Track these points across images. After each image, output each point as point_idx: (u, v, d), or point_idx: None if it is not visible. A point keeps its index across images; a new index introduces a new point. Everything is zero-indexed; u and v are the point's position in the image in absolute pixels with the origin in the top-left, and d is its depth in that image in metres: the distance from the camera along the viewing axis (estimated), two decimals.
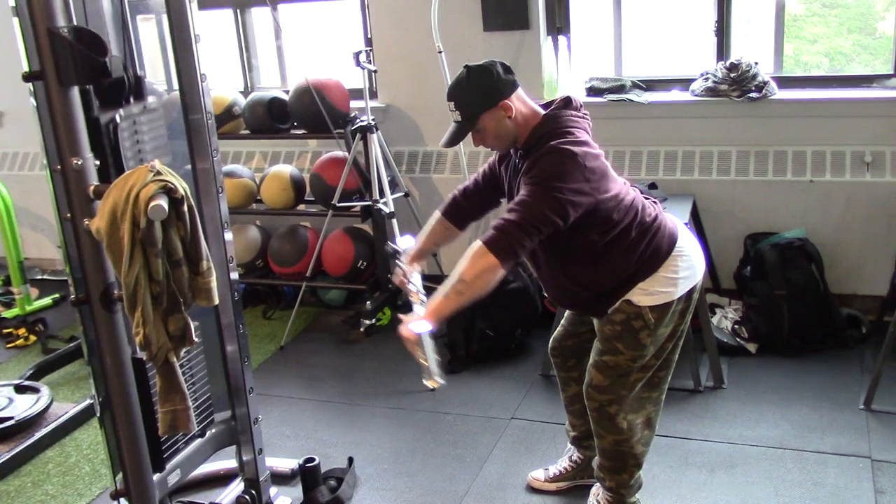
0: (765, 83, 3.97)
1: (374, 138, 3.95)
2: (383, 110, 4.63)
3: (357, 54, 3.89)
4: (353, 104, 4.41)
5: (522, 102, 2.41)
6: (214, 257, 2.20)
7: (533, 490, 2.99)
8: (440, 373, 2.41)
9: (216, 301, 2.19)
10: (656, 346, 2.53)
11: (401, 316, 2.44)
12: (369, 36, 4.68)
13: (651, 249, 2.45)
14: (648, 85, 4.31)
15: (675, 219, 2.60)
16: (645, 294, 2.46)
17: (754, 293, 3.93)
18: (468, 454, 3.25)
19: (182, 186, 2.06)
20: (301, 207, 4.64)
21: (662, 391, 2.67)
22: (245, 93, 4.82)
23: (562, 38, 4.37)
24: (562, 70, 4.42)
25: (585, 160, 2.27)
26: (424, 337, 2.37)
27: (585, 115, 2.48)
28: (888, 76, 3.98)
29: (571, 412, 2.94)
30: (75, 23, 2.07)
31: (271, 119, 4.41)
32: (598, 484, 2.77)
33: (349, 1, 4.74)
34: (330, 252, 4.43)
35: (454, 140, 2.44)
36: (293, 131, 4.52)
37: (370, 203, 4.07)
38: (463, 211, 2.71)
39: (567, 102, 2.45)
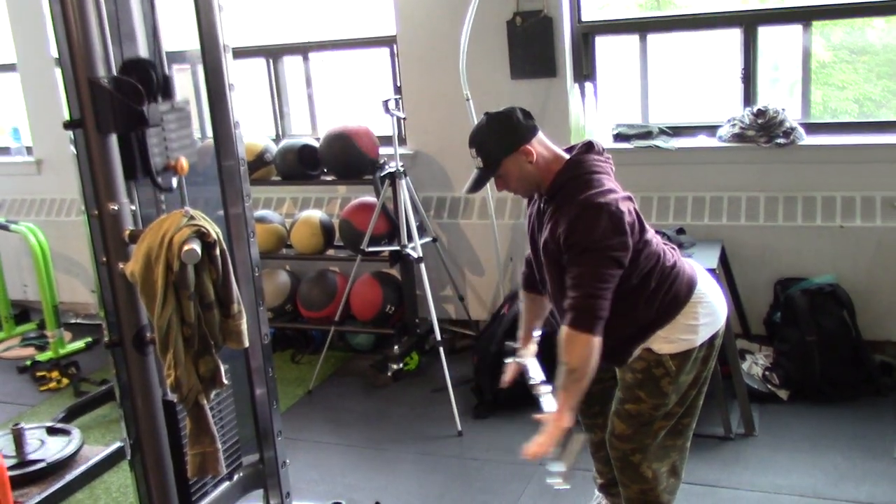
0: (792, 129, 3.98)
1: (403, 184, 4.00)
2: (412, 156, 4.68)
3: (386, 102, 3.96)
4: (382, 150, 4.48)
5: (544, 147, 2.44)
6: (245, 301, 2.23)
7: None
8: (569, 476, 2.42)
9: (246, 343, 2.22)
10: (679, 393, 2.51)
11: (536, 416, 2.48)
12: (398, 84, 4.75)
13: (670, 296, 2.44)
14: (675, 131, 4.33)
15: (695, 264, 2.60)
16: (665, 342, 2.45)
17: (785, 339, 3.89)
18: (497, 500, 3.24)
19: (215, 231, 2.11)
20: (330, 252, 4.68)
21: (687, 438, 2.64)
22: (276, 140, 4.91)
23: (588, 85, 4.42)
24: (589, 117, 4.45)
25: (619, 206, 2.28)
26: (573, 440, 2.38)
27: (608, 158, 2.50)
28: None
29: (598, 459, 2.91)
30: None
31: (302, 165, 4.49)
32: None
33: (378, 49, 4.84)
34: (358, 296, 4.46)
35: (477, 186, 2.47)
36: (323, 177, 4.58)
37: (399, 248, 4.11)
38: (536, 278, 2.70)
39: (589, 147, 2.47)
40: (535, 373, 2.72)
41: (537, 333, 2.83)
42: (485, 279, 4.68)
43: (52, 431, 3.77)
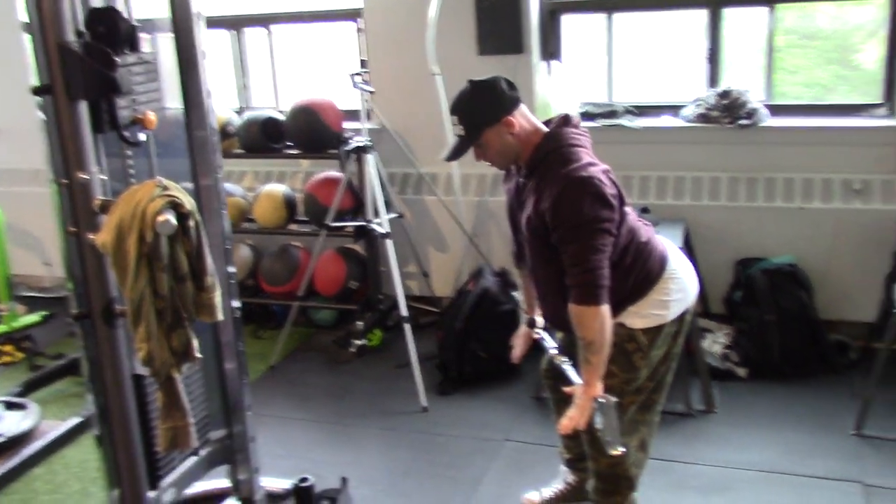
0: (755, 110, 4.03)
1: (370, 158, 3.96)
2: (377, 132, 4.64)
3: (354, 76, 3.91)
4: (347, 125, 4.43)
5: (525, 119, 2.43)
6: (216, 274, 2.20)
7: None
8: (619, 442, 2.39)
9: (220, 317, 2.20)
10: (650, 368, 2.54)
11: (565, 389, 2.47)
12: (363, 58, 4.70)
13: (644, 272, 2.47)
14: (640, 111, 4.35)
15: (667, 241, 2.63)
16: (637, 316, 2.48)
17: (745, 318, 3.96)
18: (462, 476, 3.25)
19: (189, 202, 2.07)
20: (293, 227, 4.64)
21: (656, 413, 2.68)
22: (239, 112, 4.83)
23: (555, 63, 4.42)
24: (555, 94, 4.46)
25: (601, 178, 2.29)
26: (605, 406, 2.34)
27: (585, 132, 2.50)
28: (877, 105, 4.04)
29: (565, 435, 2.93)
30: None
31: (265, 138, 4.42)
32: None
33: (343, 23, 4.78)
34: (322, 272, 4.42)
35: (456, 154, 2.45)
36: (287, 151, 4.52)
37: (364, 223, 4.08)
38: (524, 253, 2.69)
39: (566, 120, 2.48)
40: (551, 343, 2.72)
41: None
42: (448, 256, 4.68)
43: (9, 406, 3.69)
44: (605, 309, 2.32)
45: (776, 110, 4.14)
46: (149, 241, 1.99)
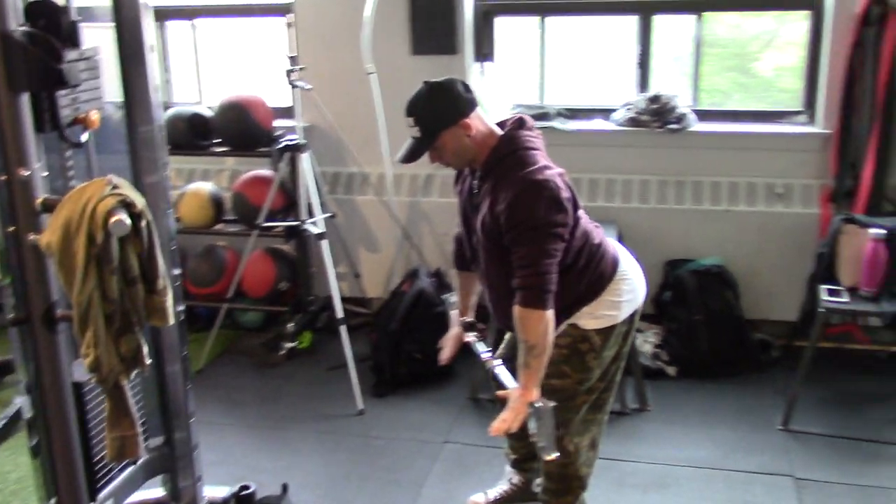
0: (684, 115, 4.12)
1: (305, 157, 3.88)
2: (307, 130, 4.55)
3: (290, 72, 3.83)
4: (277, 122, 4.34)
5: (481, 121, 2.42)
6: (168, 277, 2.11)
7: None
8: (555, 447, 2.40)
9: (171, 321, 2.10)
10: (601, 368, 2.57)
11: (498, 393, 2.48)
12: (293, 54, 4.60)
13: (597, 273, 2.50)
14: (571, 113, 4.40)
15: (616, 243, 2.66)
16: (591, 317, 2.50)
17: (674, 318, 4.05)
18: (404, 478, 3.22)
19: (140, 201, 1.98)
20: (219, 227, 4.51)
21: (606, 412, 2.71)
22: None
23: (488, 65, 4.43)
24: (488, 96, 4.47)
25: (557, 182, 2.30)
26: (542, 411, 2.35)
27: (539, 134, 2.51)
28: (797, 112, 4.20)
29: (512, 435, 2.92)
30: None
31: (192, 135, 4.29)
32: None
33: (272, 18, 4.67)
34: (251, 273, 4.32)
35: (413, 156, 2.42)
36: (215, 149, 4.40)
37: (298, 223, 4.00)
38: (466, 255, 2.70)
39: (521, 122, 2.47)
40: (481, 347, 2.72)
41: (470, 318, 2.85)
42: (380, 256, 4.63)
43: None
44: (550, 314, 2.33)
45: (702, 115, 4.24)
46: (99, 243, 1.88)
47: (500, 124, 2.49)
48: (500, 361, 2.64)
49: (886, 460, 3.28)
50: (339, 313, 3.80)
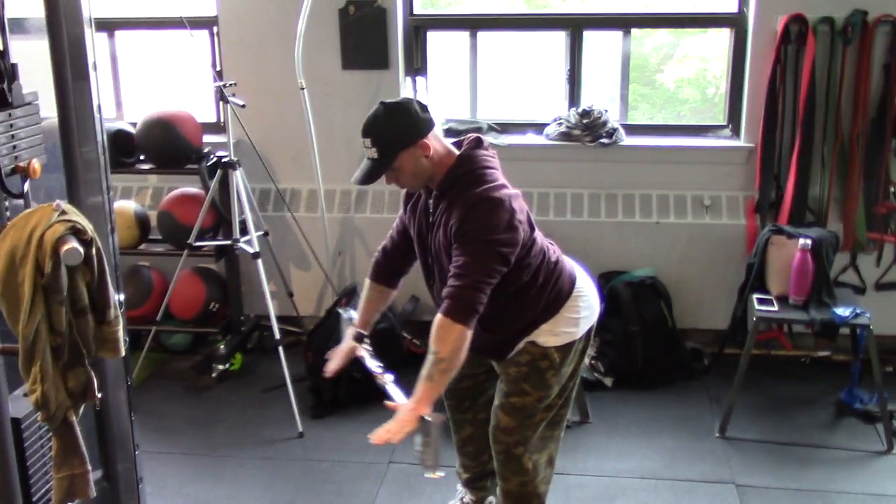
0: (615, 130, 4.19)
1: (237, 175, 3.77)
2: (234, 145, 4.44)
3: (222, 87, 3.72)
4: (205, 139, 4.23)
5: (438, 141, 2.39)
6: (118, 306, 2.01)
7: None
8: (439, 466, 2.37)
9: (122, 353, 2.01)
10: (560, 385, 2.57)
11: (388, 403, 2.42)
12: (218, 68, 4.50)
13: (555, 291, 2.50)
14: (503, 128, 4.42)
15: (571, 260, 2.67)
16: (550, 335, 2.50)
17: (609, 329, 4.09)
18: (352, 503, 3.15)
19: (89, 227, 1.88)
20: (143, 247, 4.34)
21: (563, 429, 2.72)
22: None
23: (420, 79, 4.40)
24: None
25: (512, 204, 2.29)
26: (431, 425, 2.31)
27: (494, 154, 2.50)
28: (722, 126, 4.31)
29: (464, 454, 2.92)
30: None
31: (115, 152, 4.11)
32: None
33: (192, 31, 4.53)
34: (179, 294, 4.17)
35: (370, 178, 2.37)
36: (139, 166, 4.24)
37: (231, 242, 3.88)
38: (389, 271, 2.69)
39: (478, 143, 2.46)
40: (373, 363, 2.66)
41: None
42: (311, 274, 4.55)
43: None
44: (469, 334, 2.28)
45: (631, 130, 4.32)
46: (47, 272, 1.78)
47: (457, 143, 2.47)
48: (392, 377, 2.57)
49: (820, 463, 3.39)
50: (277, 335, 3.71)
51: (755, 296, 3.67)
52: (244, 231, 3.87)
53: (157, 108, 4.11)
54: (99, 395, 1.97)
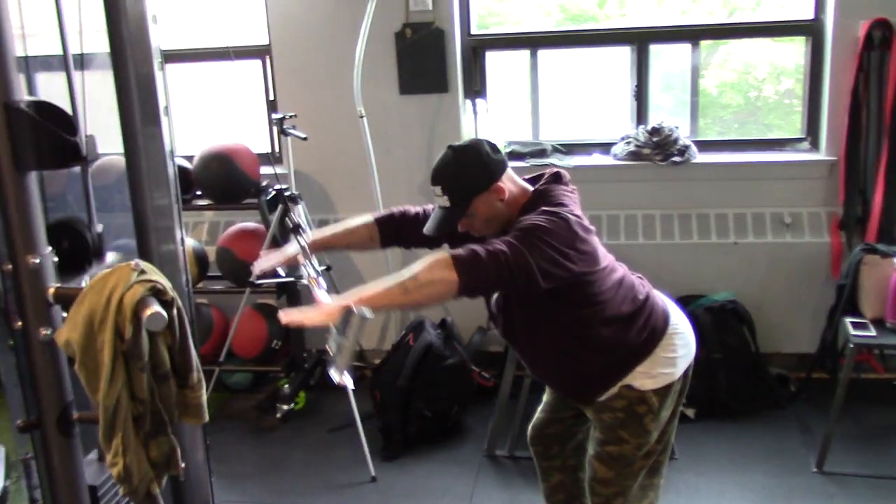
0: (686, 147, 4.01)
1: (300, 209, 3.65)
2: (288, 176, 4.34)
3: (282, 120, 3.60)
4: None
5: (512, 182, 2.24)
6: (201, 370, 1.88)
7: None
8: (350, 372, 2.01)
9: (206, 418, 1.87)
10: (659, 430, 2.39)
11: (317, 294, 2.19)
12: (272, 98, 4.40)
13: (647, 329, 2.33)
14: (568, 149, 4.26)
15: (663, 296, 2.50)
16: (647, 377, 2.32)
17: None
18: None
19: (170, 286, 1.75)
20: (201, 284, 4.24)
21: (663, 476, 2.53)
22: None
23: (480, 102, 4.26)
24: (481, 134, 4.30)
25: (578, 228, 2.11)
26: (355, 321, 1.91)
27: (574, 190, 2.34)
28: (800, 140, 4.11)
29: (553, 502, 2.74)
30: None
31: None
32: None
33: (243, 61, 4.45)
34: (241, 332, 4.05)
35: (444, 227, 2.22)
36: (196, 202, 4.14)
37: (295, 279, 3.75)
38: (397, 229, 2.47)
39: (557, 177, 2.30)
40: (311, 270, 2.37)
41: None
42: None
43: None
44: (454, 291, 1.96)
45: (702, 146, 4.13)
46: (127, 338, 1.65)
47: (535, 178, 2.32)
48: (324, 285, 2.30)
49: None
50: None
51: (848, 319, 3.45)
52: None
53: (214, 142, 4.01)
54: (182, 465, 1.84)
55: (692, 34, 4.07)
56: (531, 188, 2.27)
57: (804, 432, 3.66)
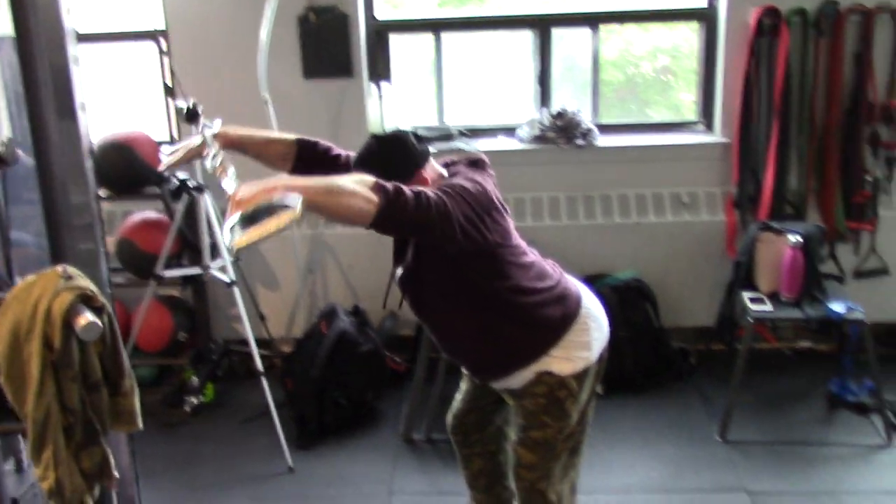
0: (589, 130, 4.10)
1: (206, 199, 3.55)
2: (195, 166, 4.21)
3: (193, 108, 3.45)
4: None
5: (434, 171, 2.25)
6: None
7: None
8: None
9: (139, 425, 1.83)
10: (579, 412, 2.46)
11: (226, 184, 2.12)
12: (167, 83, 4.24)
13: (559, 309, 2.36)
14: (473, 133, 4.29)
15: (576, 281, 2.55)
16: (566, 361, 2.37)
17: None
18: None
19: (98, 292, 1.69)
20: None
21: (582, 454, 2.60)
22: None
23: (385, 86, 4.23)
24: (386, 118, 4.28)
25: (496, 200, 2.17)
26: (288, 205, 1.77)
27: (492, 175, 2.35)
28: (694, 123, 4.27)
29: (476, 488, 2.78)
30: None
31: None
32: None
33: (137, 43, 4.28)
34: (145, 325, 3.91)
35: None
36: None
37: (203, 271, 3.65)
38: (315, 159, 2.38)
39: (474, 163, 2.32)
40: (218, 159, 2.31)
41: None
42: (280, 295, 4.35)
43: None
44: (369, 215, 1.91)
45: (602, 129, 4.23)
46: (57, 348, 1.59)
47: (452, 164, 2.33)
48: (234, 174, 2.26)
49: (824, 462, 3.37)
50: (259, 364, 3.51)
51: (746, 294, 3.62)
52: (214, 257, 3.65)
53: (111, 131, 3.85)
54: (116, 476, 1.78)
55: (593, 19, 4.15)
56: (447, 173, 2.27)
57: (706, 403, 3.83)
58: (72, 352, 1.60)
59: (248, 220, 1.78)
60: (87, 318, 1.55)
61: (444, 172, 2.28)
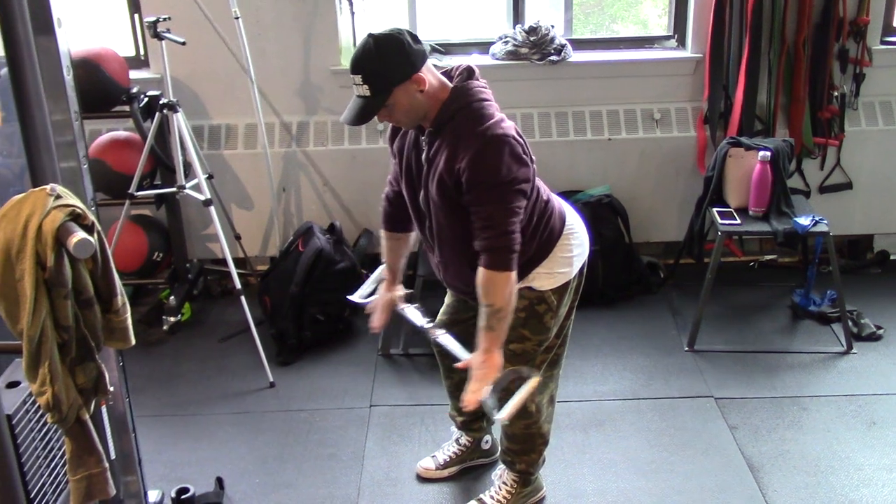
0: (563, 46, 4.08)
1: (179, 117, 3.50)
2: (158, 81, 4.14)
3: (155, 23, 3.41)
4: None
5: (433, 74, 2.24)
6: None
7: (425, 480, 2.91)
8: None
9: (132, 341, 1.86)
10: (558, 325, 2.54)
11: (458, 365, 2.40)
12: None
13: (548, 231, 2.43)
14: (446, 49, 4.26)
15: (560, 199, 2.60)
16: (547, 277, 2.44)
17: None
18: (342, 452, 3.08)
19: (89, 211, 1.69)
20: None
21: (561, 366, 2.70)
22: None
23: (356, 1, 4.16)
24: (358, 34, 4.22)
25: (517, 138, 2.19)
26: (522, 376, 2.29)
27: (487, 84, 2.37)
28: (667, 37, 4.27)
29: (457, 398, 2.86)
30: None
31: None
32: (501, 466, 2.76)
33: None
34: (120, 246, 3.91)
35: (363, 117, 2.19)
36: None
37: (176, 190, 3.64)
38: (399, 217, 2.55)
39: (470, 73, 2.33)
40: (417, 317, 2.58)
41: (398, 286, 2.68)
42: (254, 214, 4.34)
43: None
44: (515, 276, 2.26)
45: (575, 45, 4.21)
46: (49, 266, 1.60)
47: (447, 74, 2.33)
48: (443, 331, 2.52)
49: (788, 369, 3.51)
50: (237, 282, 3.54)
51: (715, 209, 3.70)
52: (188, 176, 3.64)
53: (76, 46, 3.76)
54: (111, 389, 1.82)
55: None
56: (450, 84, 2.28)
57: (674, 314, 3.95)
58: (64, 270, 1.61)
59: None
60: (78, 235, 1.56)
61: (447, 82, 2.27)
